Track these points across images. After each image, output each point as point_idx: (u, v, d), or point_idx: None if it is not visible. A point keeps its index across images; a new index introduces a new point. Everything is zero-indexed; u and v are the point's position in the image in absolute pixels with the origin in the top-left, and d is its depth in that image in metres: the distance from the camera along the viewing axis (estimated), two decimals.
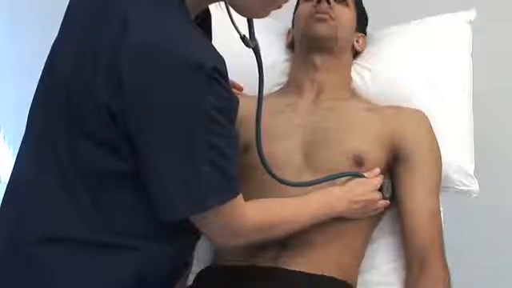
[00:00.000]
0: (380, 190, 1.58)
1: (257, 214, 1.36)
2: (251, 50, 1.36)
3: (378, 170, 1.58)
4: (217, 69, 1.19)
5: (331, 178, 1.54)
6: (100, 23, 1.23)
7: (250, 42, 1.35)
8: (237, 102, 1.28)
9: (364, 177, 1.56)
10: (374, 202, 1.57)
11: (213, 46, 1.26)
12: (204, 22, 1.36)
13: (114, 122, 1.21)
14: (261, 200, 1.44)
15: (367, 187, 1.55)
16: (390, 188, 1.60)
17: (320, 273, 1.48)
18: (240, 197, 1.29)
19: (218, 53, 1.24)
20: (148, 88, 1.17)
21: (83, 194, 1.24)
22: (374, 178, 1.57)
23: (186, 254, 1.42)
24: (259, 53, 1.37)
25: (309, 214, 1.49)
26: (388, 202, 1.59)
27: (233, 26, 1.30)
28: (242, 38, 1.33)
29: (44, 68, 1.33)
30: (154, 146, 1.21)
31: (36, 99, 1.33)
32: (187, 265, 1.47)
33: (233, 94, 1.27)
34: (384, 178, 1.58)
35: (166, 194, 1.23)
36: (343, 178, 1.56)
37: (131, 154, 1.23)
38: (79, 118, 1.23)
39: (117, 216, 1.27)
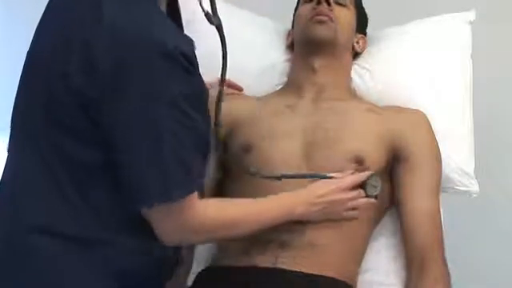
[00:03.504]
0: (363, 188, 1.54)
1: (215, 212, 1.36)
2: (219, 32, 1.38)
3: (350, 172, 1.54)
4: (181, 51, 1.20)
5: (300, 177, 1.53)
6: (72, 11, 1.26)
7: (214, 18, 1.36)
8: (205, 90, 1.29)
9: (330, 177, 1.53)
10: (341, 202, 1.52)
11: (183, 32, 1.29)
12: (174, 13, 1.38)
13: (87, 113, 1.22)
14: (221, 199, 1.45)
15: (330, 188, 1.51)
16: (378, 186, 1.54)
17: (320, 273, 1.48)
18: (197, 194, 1.30)
19: (188, 38, 1.26)
20: (115, 71, 1.19)
21: (70, 189, 1.25)
22: (340, 179, 1.53)
23: (175, 250, 1.41)
24: (222, 30, 1.38)
25: (268, 215, 1.46)
26: (373, 200, 1.55)
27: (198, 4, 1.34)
28: (206, 14, 1.35)
29: (25, 58, 1.35)
30: (122, 133, 1.22)
31: (18, 91, 1.34)
32: (178, 262, 1.47)
33: (201, 81, 1.29)
34: (368, 176, 1.54)
35: (133, 183, 1.24)
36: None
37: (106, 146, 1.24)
38: (57, 110, 1.25)
39: (104, 211, 1.27)
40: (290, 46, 1.82)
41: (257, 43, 1.84)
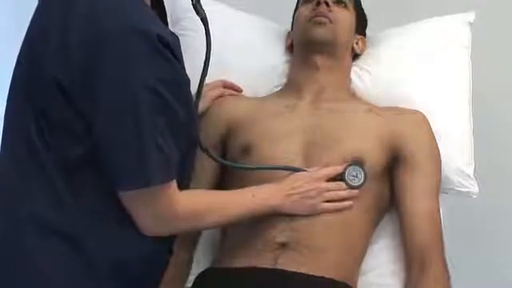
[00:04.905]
0: (343, 181, 1.55)
1: (188, 202, 1.37)
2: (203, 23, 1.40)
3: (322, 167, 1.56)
4: (162, 39, 1.22)
5: (273, 168, 1.54)
6: (50, 3, 1.28)
7: (200, 10, 1.39)
8: (186, 80, 1.31)
9: (304, 170, 1.55)
10: (317, 192, 1.52)
11: (165, 25, 1.31)
12: (160, 10, 1.40)
13: (71, 104, 1.23)
14: (194, 190, 1.47)
15: (306, 179, 1.53)
16: (360, 176, 1.55)
17: (320, 274, 1.47)
18: (175, 183, 1.31)
19: (168, 30, 1.29)
20: (92, 54, 1.20)
21: (62, 185, 1.27)
22: (315, 171, 1.55)
23: (166, 240, 1.42)
24: (207, 23, 1.40)
25: (242, 205, 1.48)
26: (354, 191, 1.55)
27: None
28: (194, 4, 1.38)
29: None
30: (101, 119, 1.23)
31: (11, 84, 1.35)
32: (171, 251, 1.47)
33: (182, 71, 1.30)
34: (345, 167, 1.55)
35: (113, 169, 1.26)
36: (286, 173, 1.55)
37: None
38: (39, 104, 1.26)
39: (95, 207, 1.28)
40: (290, 48, 1.82)
41: (256, 44, 1.84)
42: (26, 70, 1.30)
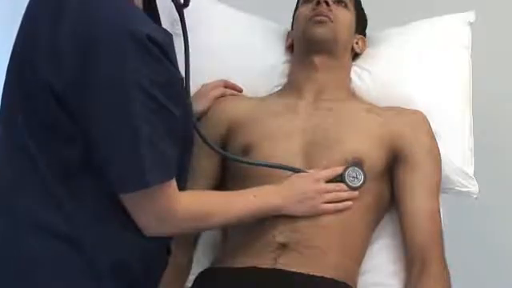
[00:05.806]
0: (343, 182, 1.55)
1: (189, 202, 1.37)
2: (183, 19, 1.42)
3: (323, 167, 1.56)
4: (152, 38, 1.21)
5: (273, 166, 1.54)
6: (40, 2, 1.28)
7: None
8: (178, 80, 1.31)
9: (304, 171, 1.55)
10: (317, 193, 1.53)
11: (156, 24, 1.30)
12: (152, 10, 1.40)
13: (63, 107, 1.23)
14: (194, 191, 1.48)
15: (306, 180, 1.53)
16: (360, 177, 1.55)
17: (320, 274, 1.48)
18: (175, 182, 1.31)
19: (161, 28, 1.28)
20: (80, 57, 1.20)
21: (57, 187, 1.26)
22: (315, 172, 1.55)
23: (166, 240, 1.42)
24: (183, 13, 1.41)
25: (242, 207, 1.48)
26: (354, 192, 1.55)
27: None
28: None
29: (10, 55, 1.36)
30: (96, 122, 1.23)
31: (4, 82, 1.35)
32: (169, 251, 1.47)
33: (174, 71, 1.30)
34: (346, 168, 1.55)
35: (110, 172, 1.25)
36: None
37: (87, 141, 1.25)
38: (36, 109, 1.25)
39: (91, 205, 1.28)
40: (290, 48, 1.82)
41: (256, 44, 1.84)
42: (20, 65, 1.29)
